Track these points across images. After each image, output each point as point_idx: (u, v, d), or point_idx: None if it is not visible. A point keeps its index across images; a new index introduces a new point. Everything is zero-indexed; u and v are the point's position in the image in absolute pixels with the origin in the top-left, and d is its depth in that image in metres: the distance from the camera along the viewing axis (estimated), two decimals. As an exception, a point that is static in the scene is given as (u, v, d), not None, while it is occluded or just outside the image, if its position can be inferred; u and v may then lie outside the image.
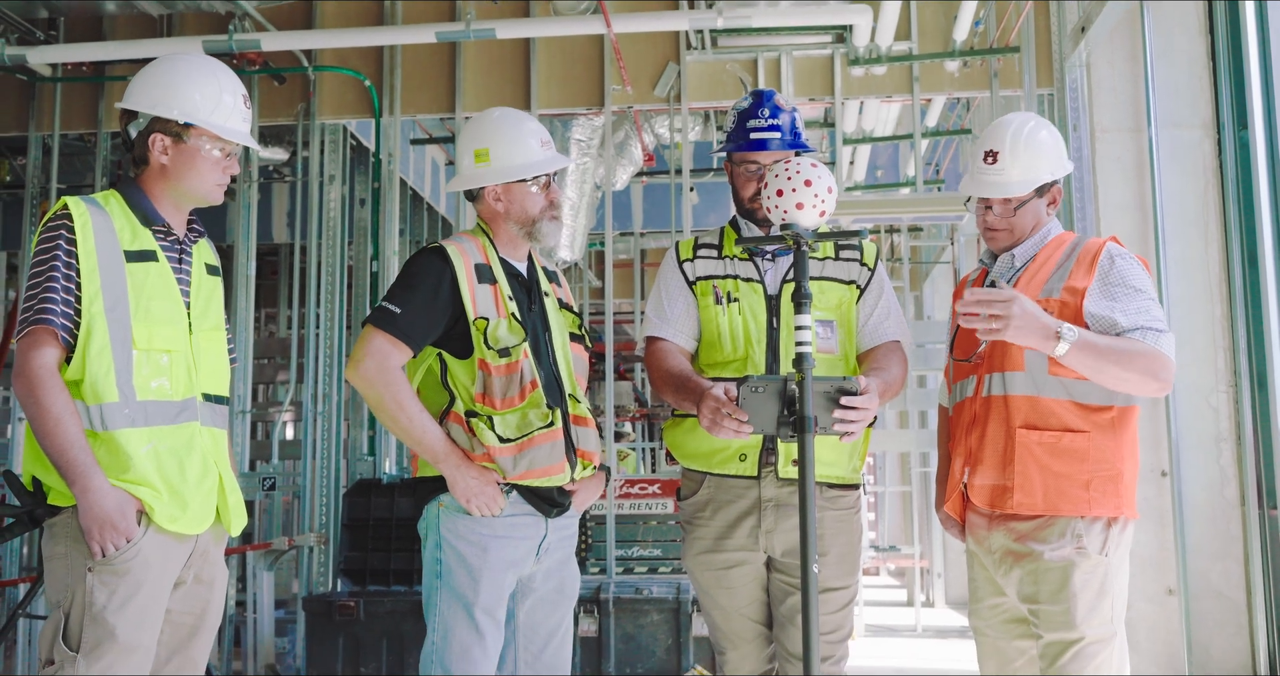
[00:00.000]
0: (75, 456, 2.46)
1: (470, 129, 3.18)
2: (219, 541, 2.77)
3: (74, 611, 2.48)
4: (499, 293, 3.04)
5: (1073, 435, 2.90)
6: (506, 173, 3.09)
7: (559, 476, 3.01)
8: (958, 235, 9.58)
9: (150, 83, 2.70)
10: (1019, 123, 3.08)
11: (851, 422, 2.65)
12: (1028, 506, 2.91)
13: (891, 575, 13.06)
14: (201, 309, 2.75)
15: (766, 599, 3.07)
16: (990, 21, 6.71)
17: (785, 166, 2.78)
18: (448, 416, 2.98)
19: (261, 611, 6.38)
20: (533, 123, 3.19)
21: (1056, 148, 3.10)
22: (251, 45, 6.29)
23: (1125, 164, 5.63)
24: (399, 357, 2.96)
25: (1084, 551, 2.86)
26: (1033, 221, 3.08)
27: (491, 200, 3.13)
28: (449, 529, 2.96)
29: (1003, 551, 2.96)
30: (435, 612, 2.94)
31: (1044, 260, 3.04)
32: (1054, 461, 2.90)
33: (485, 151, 3.10)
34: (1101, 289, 2.92)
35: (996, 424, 2.98)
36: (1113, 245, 3.01)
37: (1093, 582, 2.86)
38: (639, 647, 5.57)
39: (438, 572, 2.96)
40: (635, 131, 8.13)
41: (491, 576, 2.93)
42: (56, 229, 2.56)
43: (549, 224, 3.14)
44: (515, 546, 2.98)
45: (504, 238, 3.15)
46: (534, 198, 3.12)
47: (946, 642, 8.54)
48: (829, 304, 3.08)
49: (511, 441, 2.92)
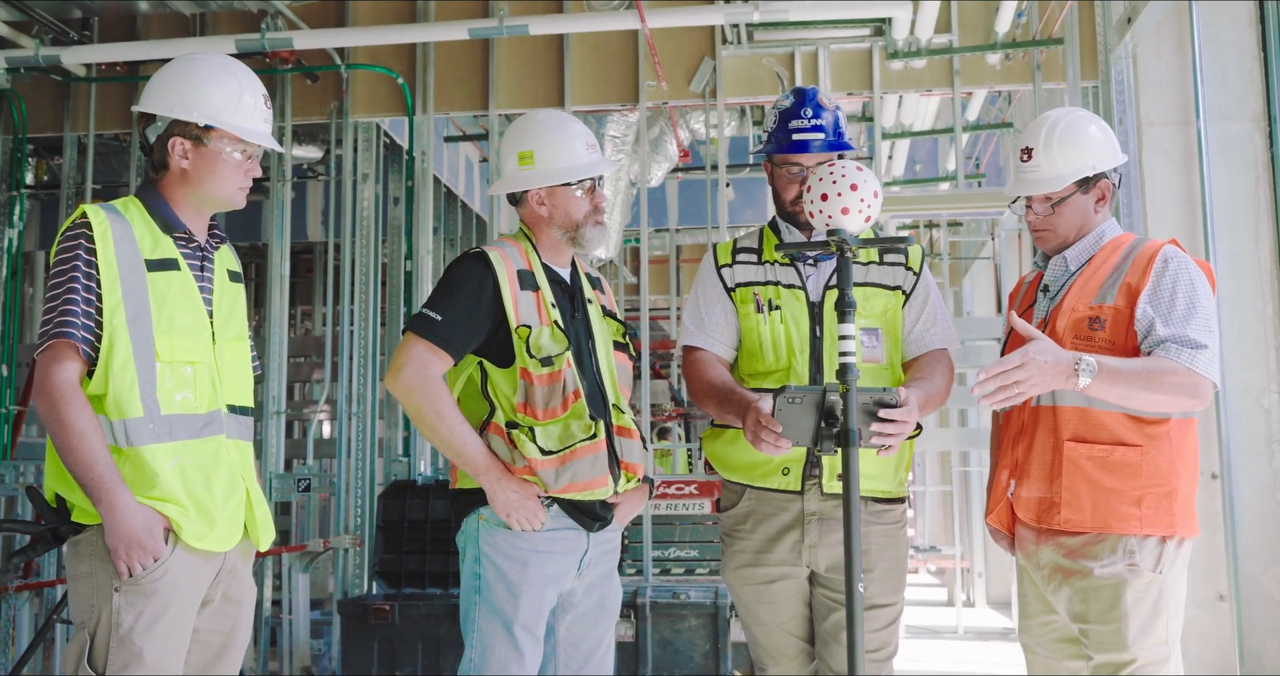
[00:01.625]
0: (100, 473, 2.39)
1: (514, 131, 3.11)
2: (247, 557, 2.70)
3: (100, 632, 2.42)
4: (541, 300, 2.96)
5: (1125, 449, 2.75)
6: (551, 176, 3.02)
7: (602, 490, 2.93)
8: (998, 230, 9.43)
9: (168, 85, 2.61)
10: (1056, 117, 2.95)
11: (889, 436, 2.56)
12: (1075, 522, 2.77)
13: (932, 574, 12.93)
14: (225, 318, 2.67)
15: (809, 614, 2.98)
16: (1033, 13, 6.57)
17: (830, 170, 2.68)
18: (488, 427, 2.91)
19: (297, 613, 6.37)
20: (578, 125, 3.11)
21: (1099, 140, 2.93)
22: (284, 44, 6.26)
23: (1173, 158, 5.50)
24: (439, 366, 2.89)
25: (1136, 569, 2.72)
26: (1079, 220, 2.93)
27: (535, 204, 3.05)
28: (488, 543, 2.89)
29: (1051, 567, 2.83)
30: (474, 628, 2.88)
31: (1099, 264, 2.89)
32: (1104, 476, 2.75)
33: (530, 154, 3.03)
34: (1152, 294, 2.77)
35: (1044, 435, 2.85)
36: (1170, 248, 2.84)
37: (1145, 601, 2.72)
38: (676, 652, 5.50)
39: (476, 587, 2.89)
40: (670, 127, 8.04)
41: (531, 592, 2.86)
42: (75, 238, 2.48)
43: (593, 229, 3.06)
44: (556, 561, 2.91)
45: (547, 243, 3.07)
46: (578, 202, 3.04)
47: (988, 644, 8.42)
48: (874, 311, 2.98)
49: (554, 453, 2.84)
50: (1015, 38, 6.59)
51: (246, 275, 12.62)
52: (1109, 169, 2.93)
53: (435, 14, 6.88)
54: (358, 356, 6.99)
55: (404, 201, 7.08)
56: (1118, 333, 2.78)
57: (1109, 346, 2.77)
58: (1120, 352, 2.75)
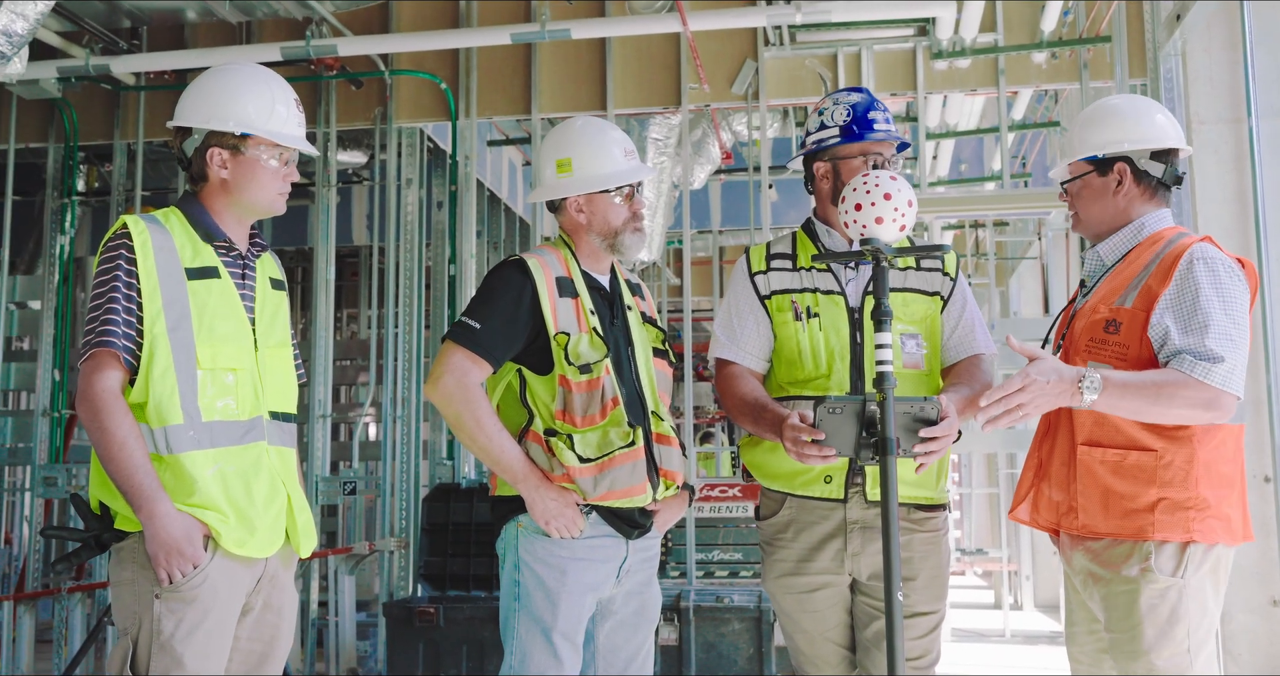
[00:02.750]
0: (141, 481, 2.42)
1: (553, 138, 3.11)
2: (288, 564, 2.71)
3: (141, 638, 2.45)
4: (580, 306, 2.97)
5: (1139, 453, 2.63)
6: (589, 183, 3.02)
7: (640, 497, 2.93)
8: (1045, 230, 9.33)
9: (201, 97, 2.64)
10: (1101, 100, 2.87)
11: (932, 453, 2.55)
12: (1091, 527, 2.69)
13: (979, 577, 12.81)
14: (267, 325, 2.69)
15: (850, 621, 2.97)
16: (1079, 11, 6.49)
17: (864, 179, 2.65)
18: (526, 435, 2.91)
19: (343, 615, 6.43)
20: (616, 132, 3.12)
21: (1123, 121, 2.78)
22: (328, 50, 6.30)
23: (1223, 156, 5.42)
24: (478, 374, 2.90)
25: (1150, 573, 2.60)
26: (1097, 204, 2.81)
27: (574, 211, 3.06)
28: (527, 551, 2.90)
29: (1084, 572, 2.75)
30: (513, 635, 2.89)
31: (1131, 261, 2.76)
32: (1117, 481, 2.65)
33: (568, 161, 3.03)
34: (1173, 299, 2.62)
35: (1063, 437, 2.78)
36: (1200, 247, 2.67)
37: (1162, 607, 2.60)
38: (720, 656, 5.49)
39: (515, 595, 2.90)
40: (713, 130, 8.03)
41: (570, 600, 2.86)
42: (116, 248, 2.52)
43: (631, 235, 3.05)
44: (595, 569, 2.91)
45: (586, 249, 3.08)
46: (617, 209, 3.05)
47: (1035, 648, 8.34)
48: (914, 316, 2.95)
49: (592, 461, 2.85)
50: (1061, 36, 6.51)
51: (292, 279, 12.81)
52: (1130, 151, 2.78)
53: (478, 19, 6.91)
54: (402, 359, 7.04)
55: (447, 205, 7.12)
56: (1132, 337, 2.67)
57: (1122, 352, 2.67)
58: (1133, 359, 2.65)
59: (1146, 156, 2.78)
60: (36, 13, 4.96)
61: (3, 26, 4.78)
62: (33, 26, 4.97)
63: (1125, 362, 2.65)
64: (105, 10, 6.35)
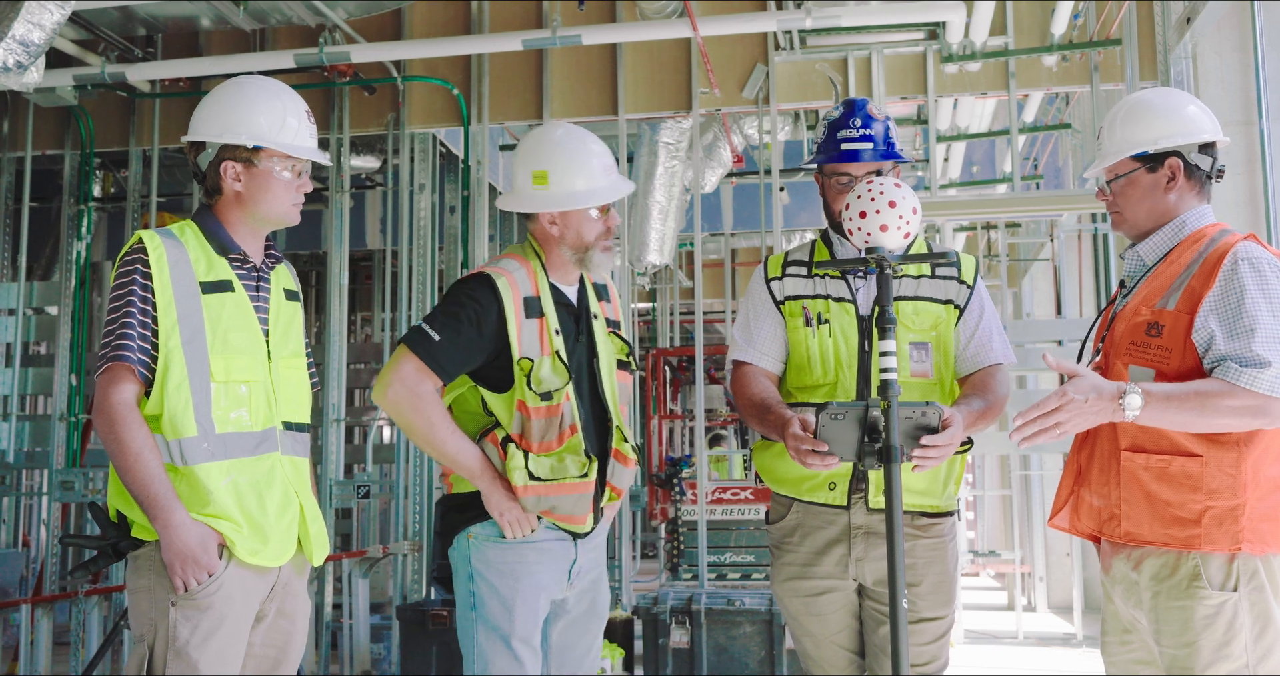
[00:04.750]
0: (156, 491, 2.47)
1: (530, 146, 3.03)
2: (301, 573, 2.76)
3: (158, 646, 2.50)
4: (545, 327, 2.94)
5: (1185, 459, 2.54)
6: (565, 200, 2.96)
7: (578, 527, 2.97)
8: (1057, 232, 9.32)
9: (213, 112, 2.68)
10: (1135, 94, 2.79)
11: (929, 460, 2.56)
12: (1135, 535, 2.61)
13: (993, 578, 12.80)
14: (281, 336, 2.73)
15: (859, 626, 2.99)
16: (1090, 14, 6.49)
17: (868, 187, 2.66)
18: (487, 437, 2.92)
19: (357, 618, 6.46)
20: (596, 145, 3.03)
21: (1170, 115, 2.67)
22: (341, 57, 6.36)
23: (1235, 158, 5.42)
24: (429, 386, 2.89)
25: (1201, 587, 2.52)
26: (1146, 202, 2.70)
27: (547, 223, 3.00)
28: (480, 560, 2.92)
29: (1126, 582, 2.66)
30: (472, 644, 2.91)
31: (1173, 261, 2.65)
32: (1162, 488, 2.57)
33: (544, 174, 2.95)
34: (1217, 302, 2.51)
35: (1105, 442, 2.68)
36: (1245, 246, 2.55)
37: (1218, 623, 2.49)
38: (731, 659, 5.51)
39: (472, 605, 2.92)
40: (724, 133, 8.05)
41: (525, 605, 2.89)
42: (132, 263, 2.56)
43: (601, 254, 3.01)
44: (546, 571, 2.94)
45: (556, 261, 3.03)
46: (592, 224, 3.00)
47: (1049, 650, 8.32)
48: (923, 325, 2.96)
49: (542, 482, 2.86)
50: (1072, 39, 6.51)
51: (307, 283, 12.87)
52: (1181, 145, 2.66)
53: (490, 25, 6.95)
54: (415, 364, 7.06)
55: (460, 210, 7.17)
56: (1175, 340, 2.57)
57: (1165, 356, 2.58)
58: (1177, 363, 2.56)
59: (1195, 150, 2.68)
60: (53, 22, 5.01)
61: (20, 36, 4.84)
62: (49, 36, 5.03)
63: (1168, 366, 2.57)
64: (120, 18, 6.41)
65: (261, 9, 6.40)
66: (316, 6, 6.14)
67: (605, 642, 6.16)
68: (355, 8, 6.43)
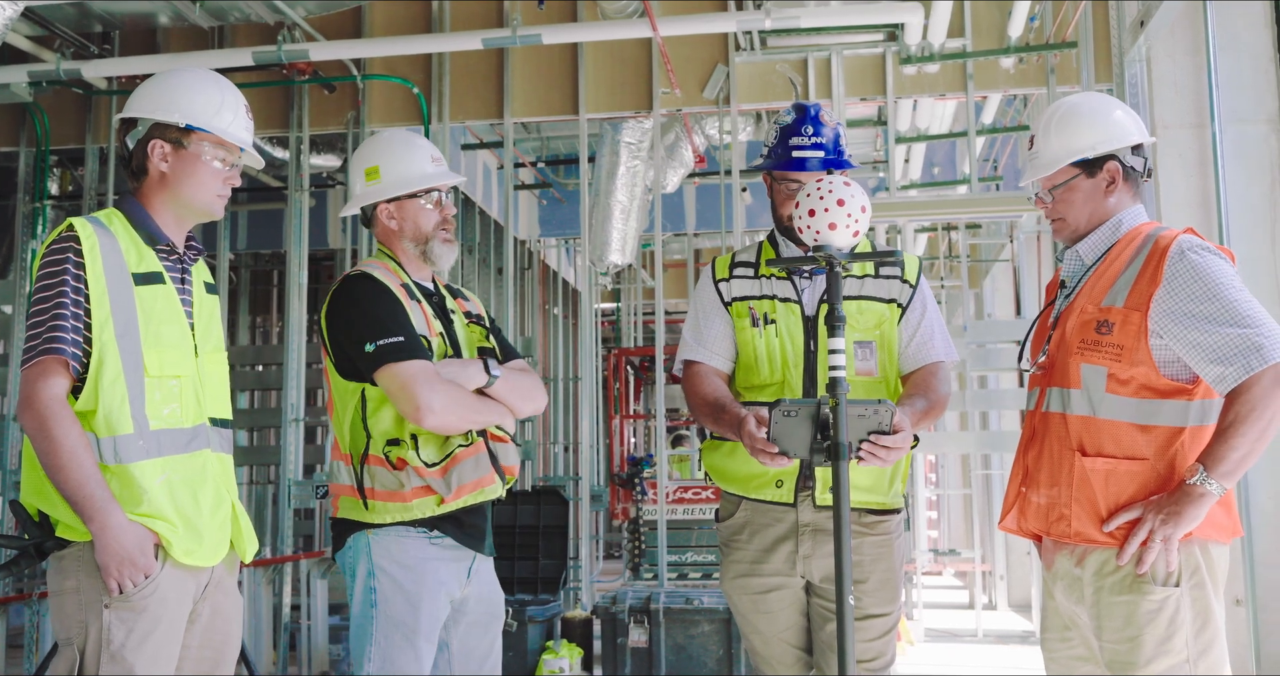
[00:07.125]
0: (92, 491, 2.37)
1: (361, 150, 3.12)
2: (232, 570, 2.68)
3: (89, 649, 2.40)
4: (425, 311, 2.98)
5: (1131, 462, 2.60)
6: (397, 186, 3.01)
7: (491, 488, 2.94)
8: (1017, 232, 9.40)
9: (150, 92, 2.61)
10: (1061, 102, 2.82)
11: (878, 460, 2.59)
12: (1085, 536, 2.64)
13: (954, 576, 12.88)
14: (204, 330, 2.65)
15: (806, 624, 3.00)
16: (1046, 16, 6.55)
17: (817, 185, 2.67)
18: (366, 460, 2.87)
19: (316, 619, 6.43)
20: (424, 141, 3.13)
21: (1102, 120, 2.73)
22: (300, 55, 6.32)
23: (1188, 161, 5.48)
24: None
25: (1145, 582, 2.56)
26: (1088, 206, 2.74)
27: (385, 219, 3.03)
28: (383, 554, 2.87)
29: (1069, 578, 2.71)
30: (370, 642, 2.85)
31: (1113, 259, 2.70)
32: (1109, 488, 2.61)
33: (375, 169, 3.03)
34: (1170, 300, 2.56)
35: (1053, 443, 2.72)
36: (1186, 238, 2.59)
37: (1160, 617, 2.54)
38: (690, 658, 5.52)
39: (371, 602, 2.86)
40: (685, 133, 8.07)
41: (430, 600, 2.86)
42: (63, 251, 2.43)
43: (442, 245, 3.04)
44: (448, 567, 2.91)
45: (405, 258, 3.06)
46: (428, 214, 3.04)
47: (1008, 648, 8.39)
48: (867, 324, 2.98)
49: (437, 464, 2.85)
50: (1029, 41, 6.58)
51: (267, 282, 12.76)
52: (1117, 149, 2.73)
53: (450, 24, 6.93)
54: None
55: (421, 209, 7.14)
56: (1127, 337, 2.61)
57: (1117, 352, 2.62)
58: (1129, 358, 2.60)
59: (1129, 152, 2.75)
60: (5, 18, 4.96)
61: (-30, 32, 4.78)
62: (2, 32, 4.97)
63: (1120, 363, 2.61)
64: (77, 15, 6.35)
65: (220, 7, 6.36)
66: (275, 4, 6.12)
67: (564, 642, 6.16)
68: (315, 6, 6.41)
